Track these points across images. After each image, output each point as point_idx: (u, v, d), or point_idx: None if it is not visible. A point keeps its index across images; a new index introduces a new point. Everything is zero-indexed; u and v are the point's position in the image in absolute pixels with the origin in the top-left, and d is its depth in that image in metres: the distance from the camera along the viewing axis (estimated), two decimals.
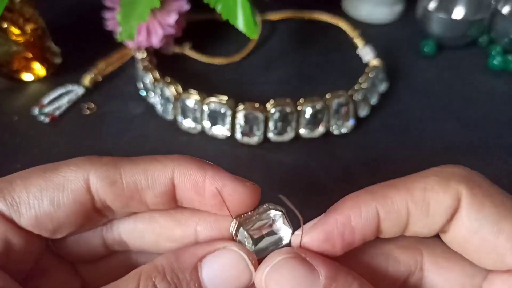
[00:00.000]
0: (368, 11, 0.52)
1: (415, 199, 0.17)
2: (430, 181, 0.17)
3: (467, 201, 0.17)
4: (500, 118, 0.41)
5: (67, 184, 0.17)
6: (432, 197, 0.17)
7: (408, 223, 0.17)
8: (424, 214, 0.17)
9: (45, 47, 0.42)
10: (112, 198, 0.17)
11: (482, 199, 0.17)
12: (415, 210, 0.17)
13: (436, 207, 0.17)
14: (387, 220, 0.17)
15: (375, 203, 0.17)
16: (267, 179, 0.35)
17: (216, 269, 0.17)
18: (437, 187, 0.17)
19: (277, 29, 0.51)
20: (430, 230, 0.18)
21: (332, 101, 0.37)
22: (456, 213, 0.17)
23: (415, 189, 0.17)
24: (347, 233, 0.17)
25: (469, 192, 0.17)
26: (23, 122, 0.39)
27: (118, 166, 0.17)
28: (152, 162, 0.18)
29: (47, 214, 0.17)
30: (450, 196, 0.17)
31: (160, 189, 0.18)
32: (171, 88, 0.37)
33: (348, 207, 0.18)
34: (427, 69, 0.46)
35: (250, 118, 0.35)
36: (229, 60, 0.46)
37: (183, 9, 0.41)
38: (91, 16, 0.45)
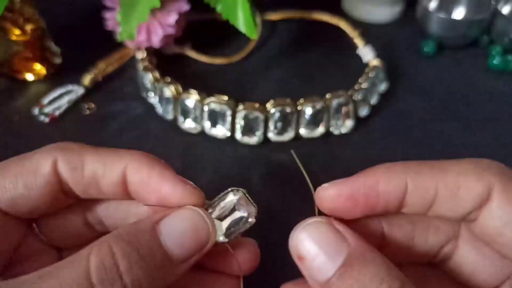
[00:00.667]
0: (368, 11, 0.52)
1: (446, 180, 0.17)
2: (464, 167, 0.18)
3: (500, 193, 0.17)
4: (500, 118, 0.41)
5: (39, 168, 0.19)
6: (464, 182, 0.17)
7: (434, 203, 0.17)
8: (452, 197, 0.17)
9: (45, 47, 0.42)
10: (74, 182, 0.19)
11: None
12: (444, 190, 0.17)
13: (466, 192, 0.17)
14: (413, 195, 0.17)
15: (406, 175, 0.17)
16: (267, 179, 0.35)
17: (174, 227, 0.17)
18: (471, 173, 0.17)
19: (277, 29, 0.51)
20: (455, 214, 0.18)
21: (332, 101, 0.37)
22: (486, 203, 0.17)
23: (448, 171, 0.17)
24: (372, 196, 0.18)
25: (503, 184, 0.17)
26: (23, 122, 0.39)
27: (82, 154, 0.19)
28: (111, 154, 0.19)
29: (21, 196, 0.18)
30: (482, 184, 0.17)
31: (113, 179, 0.19)
32: (171, 88, 0.37)
33: (379, 172, 0.18)
34: (427, 69, 0.46)
35: (250, 118, 0.35)
36: (229, 60, 0.46)
37: (183, 9, 0.41)
38: (91, 16, 0.45)
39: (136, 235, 0.17)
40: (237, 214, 0.19)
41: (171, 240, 0.17)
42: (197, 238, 0.18)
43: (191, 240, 0.17)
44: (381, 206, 0.18)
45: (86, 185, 0.19)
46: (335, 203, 0.18)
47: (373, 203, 0.18)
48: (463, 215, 0.18)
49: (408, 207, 0.18)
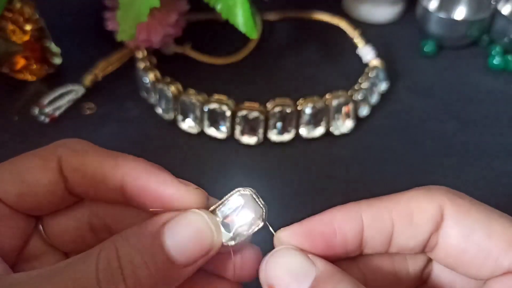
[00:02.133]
0: (368, 11, 0.52)
1: (399, 208, 0.18)
2: (414, 193, 0.18)
3: (453, 209, 0.17)
4: (499, 117, 0.41)
5: (46, 165, 0.19)
6: (416, 207, 0.17)
7: (393, 234, 0.18)
8: (408, 223, 0.17)
9: (45, 47, 0.42)
10: (75, 183, 0.19)
11: (468, 206, 0.17)
12: (399, 218, 0.17)
13: (420, 216, 0.17)
14: (371, 228, 0.18)
15: (361, 211, 0.18)
16: (267, 179, 0.35)
17: (178, 232, 0.17)
18: (421, 197, 0.18)
19: (277, 29, 0.51)
20: (415, 242, 0.18)
21: (332, 101, 0.37)
22: (442, 223, 0.17)
23: (399, 200, 0.18)
24: (329, 234, 0.18)
25: (453, 202, 0.17)
26: (23, 122, 0.39)
27: (84, 155, 0.19)
28: (110, 160, 0.19)
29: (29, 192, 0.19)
30: (434, 205, 0.17)
31: (113, 185, 0.19)
32: (171, 88, 0.37)
33: (333, 211, 0.18)
34: (427, 69, 0.46)
35: (250, 118, 0.35)
36: (229, 60, 0.46)
37: (183, 9, 0.41)
38: (91, 16, 0.45)
39: (140, 238, 0.17)
40: (244, 216, 0.18)
41: (174, 245, 0.17)
42: (201, 243, 0.17)
43: (194, 245, 0.17)
44: (340, 245, 0.18)
45: (87, 187, 0.19)
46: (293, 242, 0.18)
47: (331, 241, 0.18)
48: (423, 242, 0.18)
49: (368, 245, 0.18)
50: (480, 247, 0.16)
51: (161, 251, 0.17)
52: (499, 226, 0.16)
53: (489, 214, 0.17)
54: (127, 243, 0.16)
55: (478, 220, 0.17)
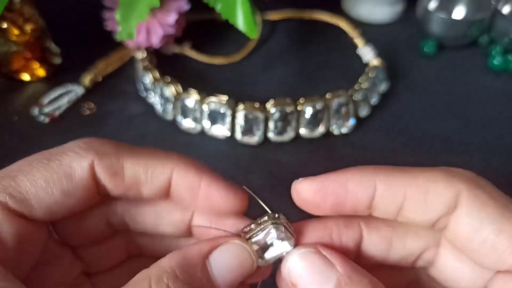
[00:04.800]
0: (368, 11, 0.52)
1: (415, 185, 0.17)
2: (434, 174, 0.18)
3: (468, 199, 0.17)
4: (500, 117, 0.41)
5: (74, 173, 0.18)
6: (432, 188, 0.17)
7: (403, 207, 0.18)
8: (421, 202, 0.17)
9: (44, 47, 0.42)
10: (113, 187, 0.18)
11: (484, 199, 0.17)
12: (412, 195, 0.17)
13: (434, 198, 0.17)
14: (382, 197, 0.18)
15: (376, 176, 0.18)
16: (267, 179, 0.35)
17: (223, 262, 0.18)
18: (440, 180, 0.17)
19: (277, 28, 0.51)
20: (424, 219, 0.18)
21: (332, 101, 0.37)
22: (455, 210, 0.17)
23: (418, 177, 0.18)
24: (341, 193, 0.18)
25: (471, 191, 0.17)
26: (23, 122, 0.39)
27: (120, 157, 0.18)
28: (153, 159, 0.19)
29: (59, 203, 0.18)
30: (450, 191, 0.17)
31: (157, 185, 0.19)
32: (171, 88, 0.37)
33: (350, 172, 0.19)
34: (427, 69, 0.46)
35: (250, 118, 0.35)
36: (229, 60, 0.46)
37: (183, 8, 0.41)
38: (90, 16, 0.45)
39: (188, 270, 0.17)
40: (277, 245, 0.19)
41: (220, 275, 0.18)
42: (243, 273, 0.18)
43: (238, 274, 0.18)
44: (350, 205, 0.18)
45: (127, 190, 0.19)
46: (306, 196, 0.19)
47: (342, 201, 0.18)
48: (432, 221, 0.18)
49: (377, 210, 0.18)
50: (487, 242, 0.17)
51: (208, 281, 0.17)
52: (510, 225, 0.16)
53: (504, 210, 0.17)
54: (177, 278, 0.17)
55: (491, 215, 0.16)
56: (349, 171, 0.19)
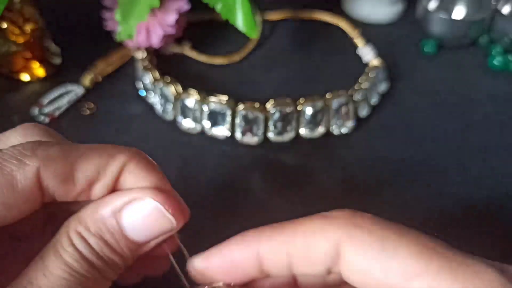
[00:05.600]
0: (368, 11, 0.52)
1: (297, 243, 0.17)
2: (312, 226, 0.18)
3: (349, 247, 0.17)
4: (500, 118, 0.41)
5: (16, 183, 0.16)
6: (312, 243, 0.17)
7: (292, 265, 0.18)
8: (306, 259, 0.17)
9: (44, 47, 0.42)
10: (62, 194, 0.18)
11: (365, 240, 0.16)
12: (294, 254, 0.17)
13: (316, 251, 0.17)
14: (269, 260, 0.18)
15: (258, 244, 0.18)
16: (267, 179, 0.35)
17: (135, 219, 0.18)
18: (318, 232, 0.17)
19: (277, 29, 0.51)
20: (315, 273, 0.18)
21: (332, 101, 0.37)
22: (340, 257, 0.17)
23: (297, 232, 0.18)
24: (228, 267, 0.18)
25: (349, 237, 0.17)
26: (22, 122, 0.38)
27: (70, 160, 0.17)
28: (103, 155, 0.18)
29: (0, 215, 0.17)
30: (329, 243, 0.17)
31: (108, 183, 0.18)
32: (170, 88, 0.37)
33: (232, 243, 0.19)
34: (427, 69, 0.47)
35: (250, 118, 0.35)
36: (229, 60, 0.46)
37: (183, 9, 0.41)
38: (90, 16, 0.45)
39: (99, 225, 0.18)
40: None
41: (132, 230, 0.18)
42: (158, 232, 0.19)
43: (152, 233, 0.18)
44: (242, 275, 0.18)
45: (78, 194, 0.18)
46: (198, 274, 0.19)
47: (233, 272, 0.18)
48: (323, 272, 0.18)
49: (271, 273, 0.18)
50: (379, 282, 0.16)
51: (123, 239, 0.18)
52: (396, 261, 0.16)
53: (388, 245, 0.16)
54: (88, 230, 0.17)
55: (375, 257, 0.16)
56: (232, 242, 0.19)
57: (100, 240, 0.17)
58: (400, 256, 0.16)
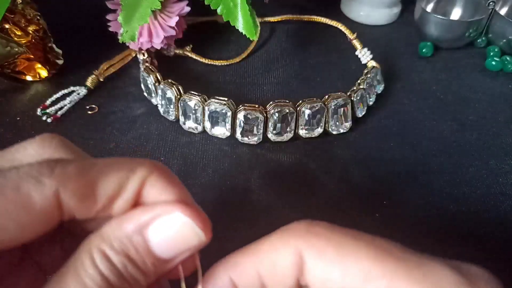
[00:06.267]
0: (366, 13, 0.52)
1: (262, 261, 0.18)
2: (273, 242, 0.18)
3: (310, 253, 0.17)
4: (497, 118, 0.41)
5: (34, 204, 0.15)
6: (276, 257, 0.17)
7: (264, 283, 0.18)
8: (274, 274, 0.18)
9: (47, 48, 0.42)
10: (83, 212, 0.17)
11: (323, 247, 0.17)
12: (264, 271, 0.18)
13: (282, 266, 0.17)
14: (242, 284, 0.18)
15: (228, 271, 0.18)
16: (266, 178, 0.36)
17: (163, 235, 0.17)
18: (279, 246, 0.17)
19: (277, 30, 0.52)
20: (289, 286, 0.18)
21: (331, 102, 0.37)
22: (303, 268, 0.17)
23: (261, 251, 0.18)
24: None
25: (309, 244, 0.17)
26: (25, 123, 0.39)
27: (89, 177, 0.17)
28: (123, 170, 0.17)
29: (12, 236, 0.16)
30: (291, 254, 0.17)
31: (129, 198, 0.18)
32: (172, 89, 0.38)
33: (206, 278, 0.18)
34: (425, 70, 0.47)
35: (250, 119, 0.36)
36: (230, 62, 0.46)
37: (184, 11, 0.41)
38: (93, 17, 0.46)
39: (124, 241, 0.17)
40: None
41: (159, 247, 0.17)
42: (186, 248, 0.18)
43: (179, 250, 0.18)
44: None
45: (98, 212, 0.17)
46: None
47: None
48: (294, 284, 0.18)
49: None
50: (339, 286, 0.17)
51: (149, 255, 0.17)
52: (353, 265, 0.16)
53: (344, 250, 0.17)
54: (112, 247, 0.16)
55: (333, 261, 0.17)
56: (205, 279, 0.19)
57: (125, 257, 0.16)
58: (357, 260, 0.16)
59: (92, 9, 0.46)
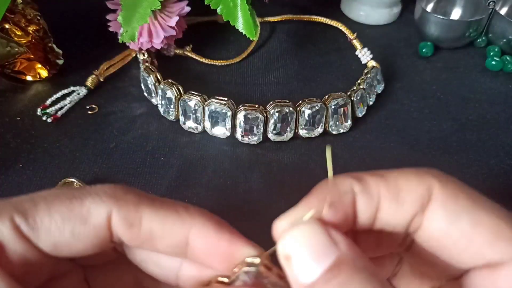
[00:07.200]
0: (366, 13, 0.52)
1: (387, 183, 0.17)
2: (404, 172, 0.18)
3: (441, 193, 0.17)
4: (497, 118, 0.41)
5: (90, 218, 0.17)
6: (404, 184, 0.17)
7: (379, 208, 0.17)
8: (394, 200, 0.17)
9: (47, 48, 0.42)
10: (128, 238, 0.18)
11: (457, 192, 0.17)
12: (386, 193, 0.17)
13: (407, 194, 0.17)
14: (360, 200, 0.17)
15: (350, 181, 0.18)
16: (266, 178, 0.36)
17: None
18: (410, 176, 0.17)
19: (277, 30, 0.52)
20: (400, 219, 0.17)
21: (331, 102, 0.37)
22: (429, 205, 0.17)
23: (389, 176, 0.18)
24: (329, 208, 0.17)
25: (443, 186, 0.17)
26: (25, 122, 0.39)
27: (139, 208, 0.18)
28: (172, 213, 0.18)
29: (66, 243, 0.17)
30: (422, 186, 0.17)
31: (173, 242, 0.18)
32: (172, 89, 0.38)
33: (324, 187, 0.18)
34: (425, 70, 0.47)
35: (250, 119, 0.36)
36: (230, 62, 0.46)
37: (184, 11, 0.41)
38: (93, 17, 0.46)
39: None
40: None
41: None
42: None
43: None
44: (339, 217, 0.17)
45: (141, 242, 0.18)
46: None
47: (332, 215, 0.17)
48: (407, 220, 0.17)
49: (359, 218, 0.18)
50: (463, 234, 0.16)
51: None
52: (486, 216, 0.16)
53: (478, 202, 0.16)
54: None
55: (466, 207, 0.16)
56: (321, 189, 0.18)
57: None
58: (489, 215, 0.16)
59: (92, 9, 0.46)
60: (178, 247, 0.18)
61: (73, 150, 0.37)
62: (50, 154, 0.36)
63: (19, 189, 0.33)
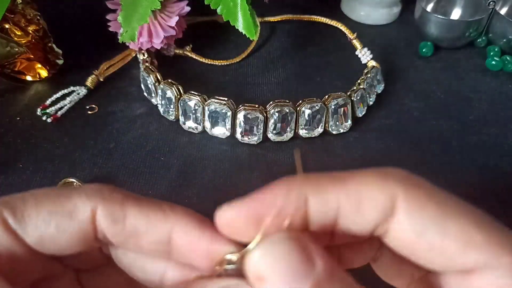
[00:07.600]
0: (366, 13, 0.52)
1: (348, 192, 0.16)
2: (366, 178, 0.16)
3: (406, 202, 0.15)
4: (497, 118, 0.41)
5: (75, 213, 0.18)
6: (365, 194, 0.16)
7: (338, 217, 0.16)
8: (355, 210, 0.16)
9: (47, 48, 0.42)
10: (112, 234, 0.18)
11: (423, 199, 0.15)
12: (346, 203, 0.16)
13: (368, 204, 0.16)
14: (315, 209, 0.16)
15: (306, 187, 0.16)
16: (266, 178, 0.35)
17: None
18: (373, 184, 0.16)
19: (277, 30, 0.52)
20: (361, 228, 0.16)
21: (331, 102, 0.37)
22: (393, 214, 0.16)
23: (350, 183, 0.16)
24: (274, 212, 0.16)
25: (408, 193, 0.16)
26: (25, 122, 0.39)
27: (124, 205, 0.18)
28: (156, 210, 0.18)
29: (51, 238, 0.17)
30: (385, 195, 0.16)
31: (156, 238, 0.18)
32: (172, 89, 0.38)
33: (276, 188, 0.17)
34: (425, 70, 0.47)
35: (250, 119, 0.36)
36: (230, 62, 0.46)
37: (184, 11, 0.41)
38: (93, 17, 0.46)
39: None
40: None
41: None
42: None
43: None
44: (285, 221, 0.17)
45: (126, 239, 0.18)
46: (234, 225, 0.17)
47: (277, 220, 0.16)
48: (369, 229, 0.16)
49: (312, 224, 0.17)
50: (432, 246, 0.15)
51: None
52: (456, 224, 0.15)
53: (447, 209, 0.15)
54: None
55: (433, 217, 0.15)
56: (275, 188, 0.17)
57: None
58: (459, 223, 0.15)
59: (92, 9, 0.46)
60: (161, 244, 0.18)
61: (73, 150, 0.37)
62: (50, 154, 0.36)
63: (19, 189, 0.33)
